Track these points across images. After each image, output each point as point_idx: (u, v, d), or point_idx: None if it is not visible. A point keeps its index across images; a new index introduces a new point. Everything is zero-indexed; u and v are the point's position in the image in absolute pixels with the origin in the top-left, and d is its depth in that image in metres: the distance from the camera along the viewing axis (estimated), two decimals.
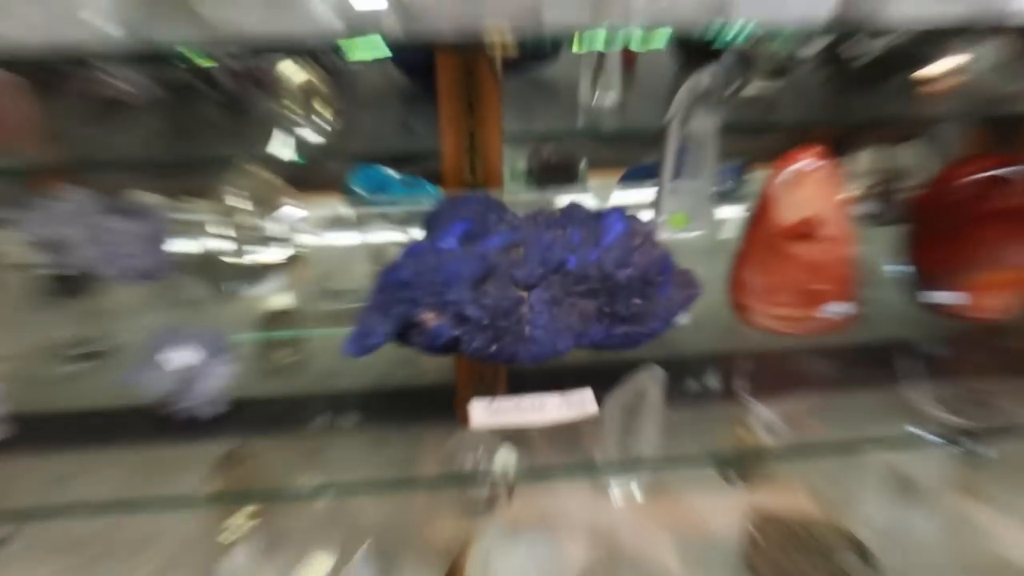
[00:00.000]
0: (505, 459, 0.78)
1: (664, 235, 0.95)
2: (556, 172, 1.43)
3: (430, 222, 0.82)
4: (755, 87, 1.16)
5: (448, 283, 0.74)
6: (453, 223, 0.80)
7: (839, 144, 1.55)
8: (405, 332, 0.76)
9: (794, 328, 0.86)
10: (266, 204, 0.97)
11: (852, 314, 0.86)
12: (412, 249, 0.78)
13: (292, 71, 1.08)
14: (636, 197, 1.28)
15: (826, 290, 0.84)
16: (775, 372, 0.96)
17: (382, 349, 0.75)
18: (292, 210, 1.00)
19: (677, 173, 0.94)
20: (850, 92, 1.15)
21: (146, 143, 1.07)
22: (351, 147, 1.17)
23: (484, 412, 0.78)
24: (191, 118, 1.11)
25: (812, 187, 0.80)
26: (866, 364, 0.99)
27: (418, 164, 1.52)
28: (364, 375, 1.04)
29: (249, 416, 0.95)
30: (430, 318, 0.74)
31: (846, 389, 0.98)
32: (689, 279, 0.81)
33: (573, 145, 1.47)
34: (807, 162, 0.80)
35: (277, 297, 1.09)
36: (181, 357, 0.76)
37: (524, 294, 0.75)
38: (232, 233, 0.97)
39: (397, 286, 0.75)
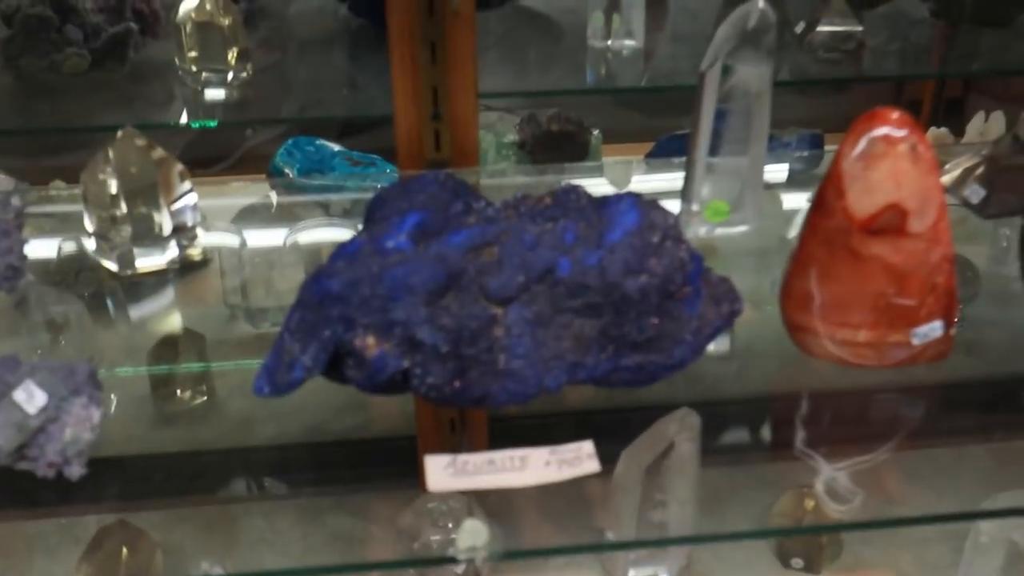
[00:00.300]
0: (472, 536, 0.78)
1: (696, 230, 0.95)
2: (558, 145, 1.43)
3: (372, 212, 0.82)
4: (831, 24, 1.16)
5: (394, 296, 0.73)
6: (403, 214, 0.79)
7: (945, 106, 1.56)
8: (337, 363, 0.75)
9: (872, 358, 0.85)
10: (156, 189, 0.96)
11: (951, 339, 0.85)
12: (346, 249, 0.77)
13: (188, 3, 1.09)
14: (668, 178, 1.28)
15: (916, 306, 0.82)
16: (848, 418, 0.96)
17: (312, 385, 0.75)
18: (193, 197, 1.00)
19: (716, 146, 0.94)
20: (967, 32, 1.16)
21: None
22: (277, 111, 1.18)
23: (445, 472, 0.77)
24: (47, 69, 1.12)
25: (898, 165, 0.79)
26: (973, 407, 0.99)
27: (373, 138, 1.52)
28: (294, 422, 1.05)
29: (134, 478, 0.95)
30: (370, 344, 0.73)
31: (947, 441, 0.98)
32: (727, 290, 0.81)
33: (582, 108, 1.47)
34: (892, 129, 0.79)
35: (172, 316, 1.09)
36: (30, 397, 0.75)
37: (498, 311, 0.74)
38: (108, 229, 0.96)
39: (325, 300, 0.74)
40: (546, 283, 0.75)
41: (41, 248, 1.05)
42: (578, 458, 0.78)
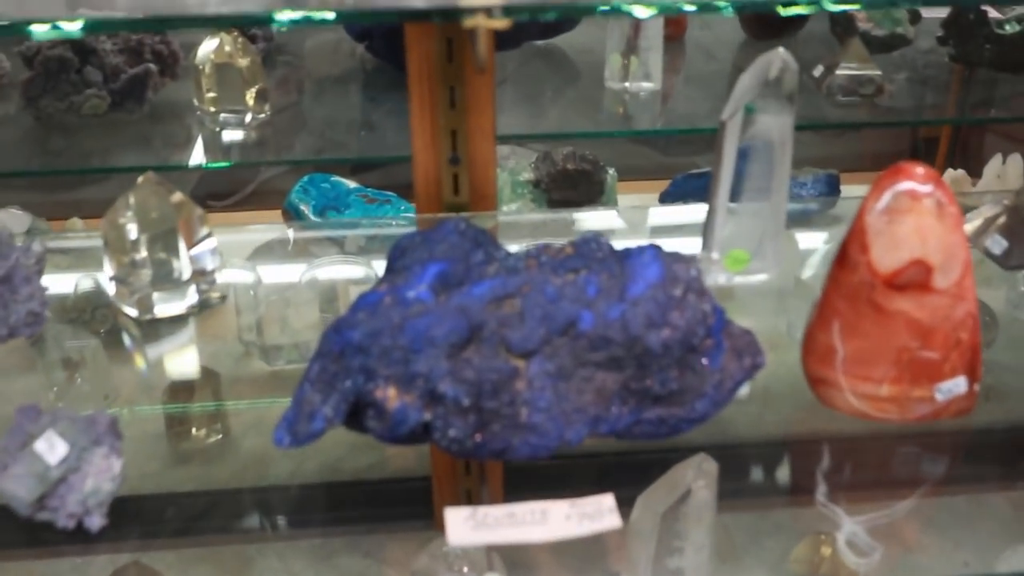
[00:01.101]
0: None
1: (716, 279, 0.95)
2: (573, 184, 1.43)
3: (392, 261, 0.81)
4: (850, 68, 1.16)
5: (415, 348, 0.72)
6: (424, 264, 0.79)
7: (962, 146, 1.56)
8: (357, 414, 0.75)
9: (895, 413, 0.85)
10: (176, 234, 0.96)
11: (976, 395, 0.85)
12: (366, 300, 0.77)
13: (208, 46, 1.09)
14: (684, 221, 1.27)
15: (940, 362, 0.82)
16: (866, 465, 0.95)
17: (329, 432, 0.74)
18: (212, 242, 0.99)
19: (736, 192, 0.94)
20: (983, 78, 1.16)
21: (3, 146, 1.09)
22: (294, 150, 1.18)
23: (465, 525, 0.76)
24: (67, 111, 1.12)
25: (923, 220, 0.79)
26: (993, 454, 0.98)
27: (387, 174, 1.53)
28: (308, 463, 1.04)
29: (149, 517, 0.95)
30: (391, 396, 0.73)
31: (966, 489, 0.97)
32: (749, 343, 0.80)
33: (597, 146, 1.47)
34: (917, 184, 0.79)
35: (187, 354, 1.08)
36: (52, 447, 0.75)
37: (520, 364, 0.74)
38: (128, 274, 0.96)
39: (346, 351, 0.74)
40: (568, 336, 0.74)
41: (58, 284, 1.05)
42: (599, 512, 0.77)
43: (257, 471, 1.03)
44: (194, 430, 1.05)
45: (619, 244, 0.83)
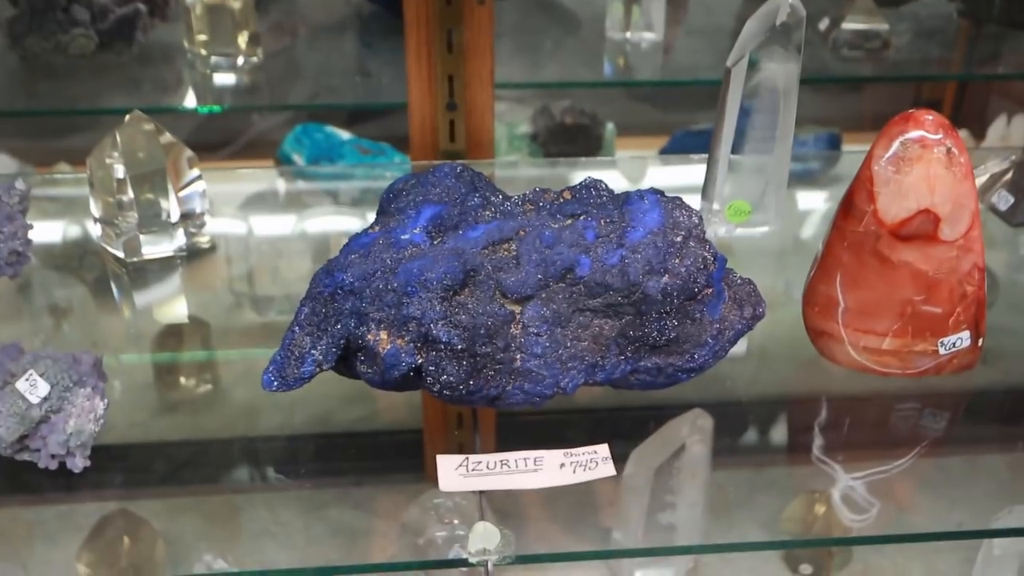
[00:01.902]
0: (484, 539, 0.76)
1: (717, 230, 0.94)
2: (571, 138, 1.42)
3: (385, 204, 0.80)
4: (857, 22, 1.14)
5: (409, 291, 0.71)
6: (418, 206, 0.78)
7: (966, 106, 1.54)
8: (348, 358, 0.74)
9: (896, 367, 0.84)
10: (164, 175, 0.94)
11: (980, 350, 0.84)
12: (358, 241, 0.76)
13: None
14: (683, 175, 1.26)
15: (945, 315, 0.81)
16: (864, 423, 0.94)
17: (319, 375, 0.74)
18: (201, 184, 0.98)
19: (739, 144, 0.92)
20: (994, 32, 1.14)
21: None
22: (287, 97, 1.16)
23: (457, 472, 0.76)
24: (53, 50, 1.10)
25: (932, 169, 0.77)
26: (990, 416, 0.98)
27: (383, 125, 1.51)
28: (298, 414, 1.03)
29: (137, 466, 0.94)
30: (383, 340, 0.72)
31: (962, 451, 0.96)
32: (750, 293, 0.79)
33: (596, 100, 1.46)
34: (923, 133, 0.77)
35: (177, 303, 1.07)
36: (33, 386, 0.73)
37: (516, 309, 0.73)
38: (115, 215, 0.95)
39: (337, 294, 0.73)
40: (565, 281, 0.73)
41: (45, 232, 1.03)
42: (594, 461, 0.77)
43: (247, 421, 1.02)
44: (183, 379, 1.04)
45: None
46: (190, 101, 1.12)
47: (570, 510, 0.90)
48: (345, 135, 1.44)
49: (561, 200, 0.79)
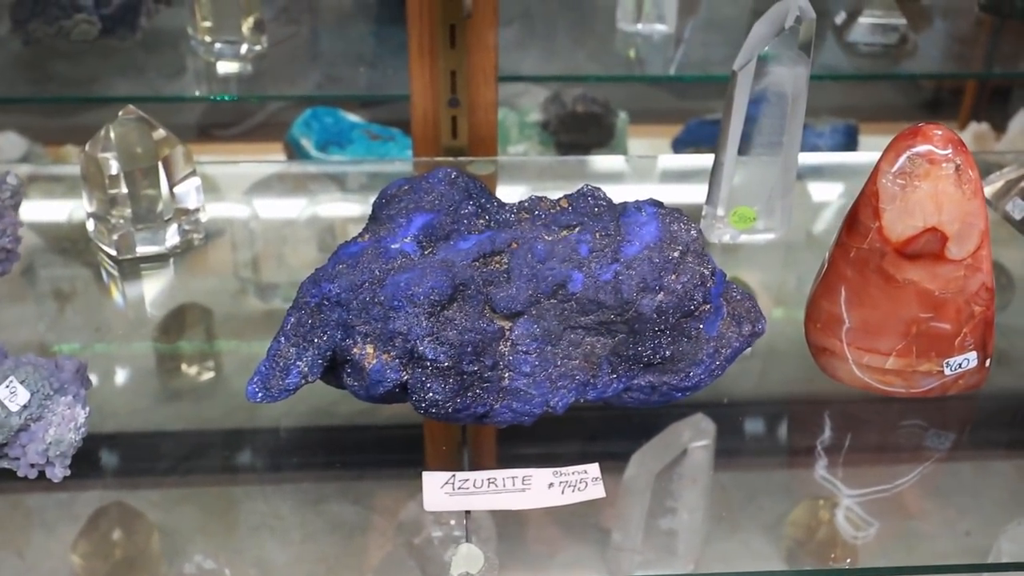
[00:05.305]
0: (467, 562, 0.74)
1: (720, 237, 0.91)
2: (582, 127, 1.40)
3: (377, 210, 0.78)
4: (871, 16, 1.12)
5: (395, 306, 0.69)
6: (409, 214, 0.76)
7: (988, 97, 1.49)
8: (335, 369, 0.73)
9: (900, 387, 0.82)
10: (157, 171, 0.93)
11: (987, 370, 0.82)
12: (348, 250, 0.74)
13: None
14: (697, 163, 1.23)
15: (951, 335, 0.78)
16: (869, 427, 0.93)
17: None
18: (196, 180, 0.97)
19: (745, 148, 0.90)
20: (1013, 29, 1.10)
21: None
22: (291, 83, 1.14)
23: (442, 491, 0.74)
24: (55, 35, 1.09)
25: (940, 186, 0.74)
26: (1003, 421, 0.95)
27: (397, 109, 1.49)
28: (299, 406, 1.02)
29: (135, 455, 0.93)
30: (369, 354, 0.70)
31: (973, 455, 0.94)
32: (750, 310, 0.77)
33: (608, 88, 1.43)
34: (932, 148, 0.74)
35: (178, 291, 1.06)
36: (13, 394, 0.72)
37: (505, 325, 0.71)
38: (108, 211, 0.93)
39: (324, 304, 0.71)
40: (557, 298, 0.71)
41: (40, 223, 1.02)
42: (583, 482, 0.75)
43: (247, 412, 1.01)
44: (183, 367, 1.03)
45: (625, 193, 0.80)
46: (193, 88, 1.10)
47: (569, 514, 0.89)
48: (354, 119, 1.42)
49: (557, 209, 0.77)
